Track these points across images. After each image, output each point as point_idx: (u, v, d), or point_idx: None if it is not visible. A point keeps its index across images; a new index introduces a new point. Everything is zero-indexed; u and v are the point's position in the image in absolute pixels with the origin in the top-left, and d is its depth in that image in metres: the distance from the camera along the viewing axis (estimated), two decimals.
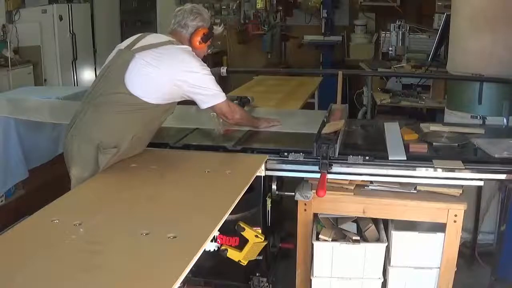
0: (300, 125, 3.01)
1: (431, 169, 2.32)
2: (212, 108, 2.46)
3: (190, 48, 2.44)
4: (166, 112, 2.44)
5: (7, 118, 3.26)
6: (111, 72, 2.34)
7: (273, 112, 3.41)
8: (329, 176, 2.34)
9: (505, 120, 3.13)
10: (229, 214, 1.74)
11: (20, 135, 3.35)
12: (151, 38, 2.44)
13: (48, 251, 1.44)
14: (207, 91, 2.39)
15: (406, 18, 6.02)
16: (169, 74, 2.30)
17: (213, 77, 2.44)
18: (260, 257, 2.39)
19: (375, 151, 2.46)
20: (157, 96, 2.31)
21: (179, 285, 1.28)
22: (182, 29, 2.50)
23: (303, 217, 2.53)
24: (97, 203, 1.84)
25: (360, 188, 2.48)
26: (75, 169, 2.32)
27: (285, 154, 2.42)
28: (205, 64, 2.45)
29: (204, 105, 2.41)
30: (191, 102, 2.50)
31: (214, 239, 2.30)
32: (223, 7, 8.32)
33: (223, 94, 2.46)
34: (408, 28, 5.64)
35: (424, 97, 4.79)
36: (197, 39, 2.51)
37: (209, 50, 2.75)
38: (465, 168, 2.30)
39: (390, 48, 5.78)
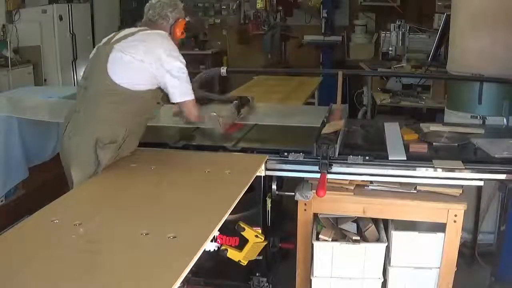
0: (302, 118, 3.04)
1: (431, 169, 2.32)
2: (182, 104, 2.48)
3: (166, 34, 2.49)
4: (153, 100, 2.45)
5: (9, 117, 3.26)
6: (94, 68, 2.40)
7: (273, 108, 3.43)
8: (329, 176, 2.34)
9: (505, 120, 3.14)
10: (229, 214, 1.74)
11: (22, 135, 3.35)
12: (127, 30, 2.49)
13: (48, 251, 1.44)
14: (182, 84, 2.43)
15: (406, 18, 6.02)
16: (149, 56, 2.34)
17: (187, 71, 2.48)
18: (260, 257, 2.39)
19: (375, 151, 2.47)
20: (141, 81, 2.35)
21: (179, 285, 1.28)
22: (163, 20, 2.53)
23: (303, 217, 2.53)
24: (97, 203, 1.84)
25: (360, 188, 2.48)
26: (76, 169, 2.32)
27: (285, 154, 2.42)
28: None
29: (176, 99, 2.44)
30: None
31: (214, 239, 2.30)
32: (223, 7, 8.33)
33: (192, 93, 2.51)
34: (408, 28, 5.64)
35: (424, 97, 4.80)
36: (179, 29, 2.56)
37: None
38: (465, 168, 2.30)
39: (390, 48, 5.78)
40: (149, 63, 2.35)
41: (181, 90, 2.43)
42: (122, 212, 1.73)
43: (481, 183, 2.36)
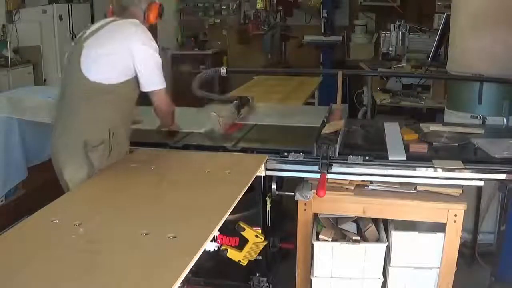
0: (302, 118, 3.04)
1: (431, 169, 2.32)
2: (153, 93, 2.43)
3: (138, 21, 2.41)
4: (133, 92, 2.41)
5: (9, 118, 3.26)
6: (69, 69, 2.37)
7: (273, 108, 3.43)
8: (329, 176, 2.34)
9: (505, 120, 3.13)
10: (229, 214, 1.74)
11: (22, 135, 3.35)
12: (99, 22, 2.44)
13: (48, 251, 1.44)
14: (154, 72, 2.39)
15: (406, 18, 6.02)
16: (120, 48, 2.31)
17: (160, 59, 2.43)
18: (260, 257, 2.39)
19: (375, 151, 2.47)
20: (116, 75, 2.31)
21: (179, 285, 1.28)
22: (136, 6, 2.46)
23: (303, 217, 2.53)
24: (97, 203, 1.84)
25: (360, 188, 2.48)
26: (69, 172, 2.31)
27: (285, 154, 2.42)
28: (155, 41, 2.42)
29: (149, 87, 2.39)
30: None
31: (214, 239, 2.30)
32: (223, 7, 8.33)
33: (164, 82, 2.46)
34: (408, 28, 5.64)
35: (424, 97, 4.79)
36: (153, 14, 2.48)
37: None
38: (465, 168, 2.30)
39: (390, 48, 5.78)
40: (121, 55, 2.31)
41: (151, 79, 2.39)
42: (122, 212, 1.73)
43: (481, 183, 2.36)
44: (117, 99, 2.34)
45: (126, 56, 2.31)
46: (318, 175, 2.31)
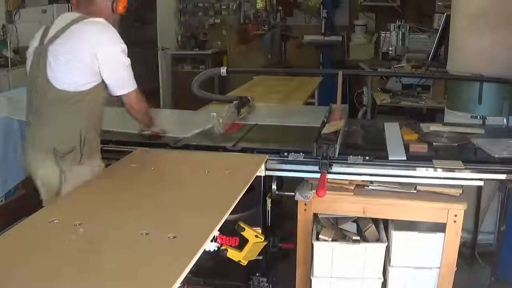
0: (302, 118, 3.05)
1: (431, 169, 2.32)
2: (124, 96, 2.38)
3: (102, 20, 2.31)
4: (100, 96, 2.35)
5: (9, 118, 3.26)
6: (35, 76, 2.29)
7: (273, 108, 3.43)
8: (329, 176, 2.34)
9: (505, 120, 3.14)
10: (229, 214, 1.74)
11: (22, 135, 3.35)
12: (60, 22, 2.31)
13: (48, 251, 1.44)
14: (123, 76, 2.34)
15: (406, 18, 6.02)
16: (85, 52, 2.21)
17: (128, 59, 2.37)
18: (260, 257, 2.39)
19: (375, 151, 2.47)
20: (84, 81, 2.25)
21: (179, 285, 1.28)
22: None
23: (303, 217, 2.53)
24: (97, 203, 1.84)
25: (360, 188, 2.48)
26: (40, 178, 2.34)
27: (285, 154, 2.42)
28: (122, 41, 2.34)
29: (119, 92, 2.35)
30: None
31: (214, 239, 2.30)
32: (223, 7, 8.32)
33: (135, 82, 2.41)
34: (408, 28, 5.64)
35: (424, 97, 4.80)
36: (123, 3, 2.39)
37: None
38: (465, 168, 2.30)
39: (390, 48, 5.79)
40: (86, 60, 2.22)
41: (120, 83, 2.34)
42: (122, 212, 1.73)
43: (481, 183, 2.36)
44: (86, 105, 2.28)
45: (91, 61, 2.23)
46: (318, 175, 2.31)
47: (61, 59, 2.21)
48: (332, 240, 2.48)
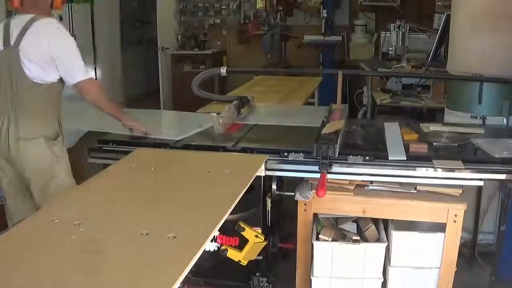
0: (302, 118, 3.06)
1: (431, 169, 2.32)
2: (80, 84, 2.63)
3: (53, 20, 2.66)
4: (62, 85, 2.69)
5: None
6: (7, 74, 2.57)
7: (273, 108, 3.43)
8: (329, 176, 2.34)
9: (505, 120, 3.14)
10: (229, 214, 1.74)
11: None
12: (17, 22, 2.61)
13: (48, 251, 1.44)
14: (75, 63, 2.63)
15: (406, 18, 6.02)
16: (48, 48, 2.55)
17: (78, 50, 2.66)
18: (260, 257, 2.39)
19: (375, 151, 2.47)
20: (53, 74, 2.60)
21: (179, 285, 1.28)
22: None
23: (303, 217, 2.53)
24: (97, 203, 1.84)
25: (360, 188, 2.48)
26: (34, 170, 2.61)
27: (285, 154, 2.42)
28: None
29: (73, 80, 2.62)
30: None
31: (214, 239, 2.30)
32: (223, 7, 8.33)
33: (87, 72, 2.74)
34: (408, 28, 5.65)
35: (424, 97, 4.79)
36: (59, 1, 2.72)
37: None
38: (465, 168, 2.30)
39: (390, 48, 5.79)
40: (49, 56, 2.55)
41: (75, 71, 2.62)
42: (122, 212, 1.73)
43: (481, 183, 2.36)
44: (57, 94, 2.66)
45: (50, 57, 2.56)
46: (318, 175, 2.31)
47: (31, 57, 2.54)
48: (332, 240, 2.48)
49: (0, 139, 2.61)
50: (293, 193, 2.44)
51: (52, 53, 2.56)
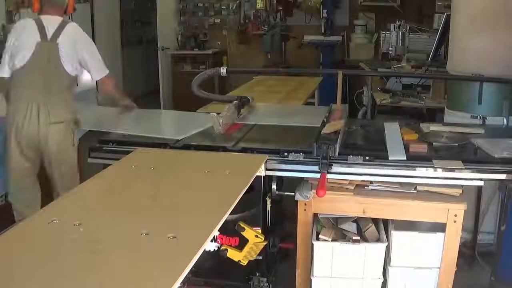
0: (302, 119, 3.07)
1: (431, 169, 2.32)
2: (102, 79, 3.22)
3: (77, 24, 3.16)
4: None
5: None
6: (46, 64, 2.98)
7: (273, 108, 3.42)
8: (329, 176, 2.34)
9: (505, 120, 3.13)
10: (229, 214, 1.74)
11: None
12: (49, 21, 3.02)
13: (48, 251, 1.44)
14: (99, 62, 3.19)
15: (406, 18, 6.02)
16: (78, 47, 3.05)
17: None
18: (260, 257, 2.39)
19: (375, 151, 2.46)
20: (78, 68, 3.11)
21: (179, 285, 1.28)
22: (62, 1, 3.11)
23: (303, 217, 2.53)
24: (97, 203, 1.84)
25: (360, 188, 2.48)
26: (63, 151, 3.07)
27: (285, 154, 2.42)
28: None
29: (99, 75, 3.19)
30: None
31: (214, 239, 2.29)
32: (223, 7, 8.33)
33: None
34: (408, 28, 5.65)
35: (424, 97, 4.79)
36: (71, 5, 3.16)
37: None
38: (465, 168, 2.30)
39: (390, 48, 5.79)
40: (78, 54, 3.06)
41: (100, 67, 3.19)
42: (122, 212, 1.73)
43: (481, 183, 2.36)
44: (75, 85, 3.19)
45: (79, 56, 3.07)
46: (318, 175, 2.31)
47: (66, 53, 3.00)
48: (332, 240, 2.48)
49: (29, 124, 2.97)
50: (293, 193, 2.44)
51: (81, 54, 3.05)
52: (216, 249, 2.25)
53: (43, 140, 3.02)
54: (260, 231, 2.36)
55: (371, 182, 2.46)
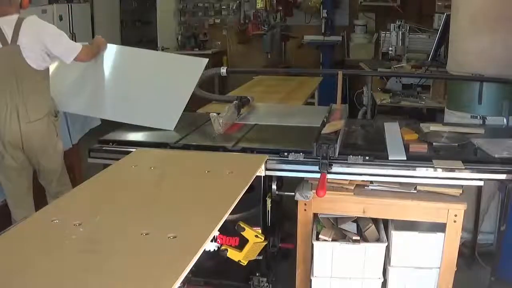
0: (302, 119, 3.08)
1: (431, 169, 2.32)
2: (75, 59, 3.07)
3: (35, 16, 3.05)
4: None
5: None
6: (16, 67, 2.93)
7: (273, 108, 3.41)
8: (329, 176, 2.34)
9: (505, 120, 3.13)
10: (229, 214, 1.74)
11: None
12: (5, 23, 2.91)
13: (48, 251, 1.44)
14: (66, 45, 3.06)
15: (406, 18, 6.02)
16: (41, 39, 2.94)
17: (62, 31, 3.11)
18: (260, 257, 2.39)
19: (375, 151, 2.46)
20: (49, 59, 3.03)
21: (179, 285, 1.28)
22: None
23: (303, 217, 2.53)
24: (97, 203, 1.84)
25: (360, 188, 2.48)
26: (50, 146, 3.07)
27: (285, 154, 2.42)
28: None
29: (69, 57, 3.04)
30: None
31: (214, 239, 2.30)
32: (223, 7, 8.33)
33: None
34: (408, 28, 5.64)
35: (424, 97, 4.79)
36: (26, 1, 3.06)
37: None
38: (465, 168, 2.30)
39: (390, 48, 5.79)
40: (44, 46, 2.95)
41: (67, 50, 3.05)
42: (122, 212, 1.73)
43: (481, 183, 2.36)
44: (48, 75, 3.10)
45: (45, 47, 2.95)
46: (318, 175, 2.31)
47: (31, 50, 2.92)
48: (332, 240, 2.48)
49: (10, 126, 2.95)
50: (293, 193, 2.44)
51: (46, 44, 2.95)
52: (216, 249, 2.25)
53: (26, 138, 3.00)
54: (260, 231, 2.36)
55: (371, 182, 2.46)
